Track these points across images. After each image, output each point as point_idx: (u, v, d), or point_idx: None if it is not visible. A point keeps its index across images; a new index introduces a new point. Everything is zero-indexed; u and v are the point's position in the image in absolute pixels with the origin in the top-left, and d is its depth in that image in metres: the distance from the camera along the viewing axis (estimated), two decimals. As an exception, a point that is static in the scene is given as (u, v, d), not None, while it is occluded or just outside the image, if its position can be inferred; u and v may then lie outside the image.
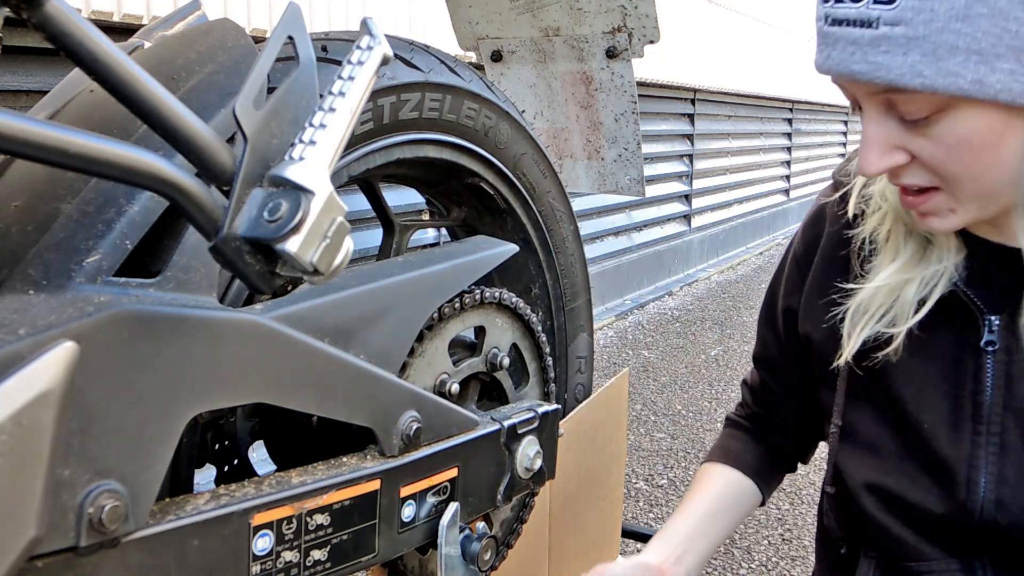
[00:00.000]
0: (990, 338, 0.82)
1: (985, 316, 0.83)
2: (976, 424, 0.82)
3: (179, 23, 0.79)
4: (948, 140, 0.70)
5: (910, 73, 0.67)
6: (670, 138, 5.48)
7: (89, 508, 0.53)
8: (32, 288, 0.57)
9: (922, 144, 0.72)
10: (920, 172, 0.74)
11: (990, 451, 0.81)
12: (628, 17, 1.49)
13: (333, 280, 0.59)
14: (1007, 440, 0.81)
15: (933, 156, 0.72)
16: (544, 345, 1.04)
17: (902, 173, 0.75)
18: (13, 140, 0.43)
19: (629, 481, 2.58)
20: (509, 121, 1.07)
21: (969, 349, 0.84)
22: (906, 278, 0.85)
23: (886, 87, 0.69)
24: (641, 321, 4.61)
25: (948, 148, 0.71)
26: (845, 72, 0.70)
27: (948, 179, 0.73)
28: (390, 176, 1.05)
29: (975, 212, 0.76)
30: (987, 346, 0.82)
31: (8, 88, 1.90)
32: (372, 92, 0.84)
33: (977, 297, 0.83)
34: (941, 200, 0.75)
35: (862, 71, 0.69)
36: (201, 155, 0.52)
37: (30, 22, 0.45)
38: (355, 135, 0.86)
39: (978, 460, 0.82)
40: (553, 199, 1.17)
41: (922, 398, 0.86)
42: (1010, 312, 0.81)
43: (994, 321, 0.82)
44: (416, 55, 0.94)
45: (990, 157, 0.71)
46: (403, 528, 0.79)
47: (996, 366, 0.82)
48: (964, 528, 0.82)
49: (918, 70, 0.67)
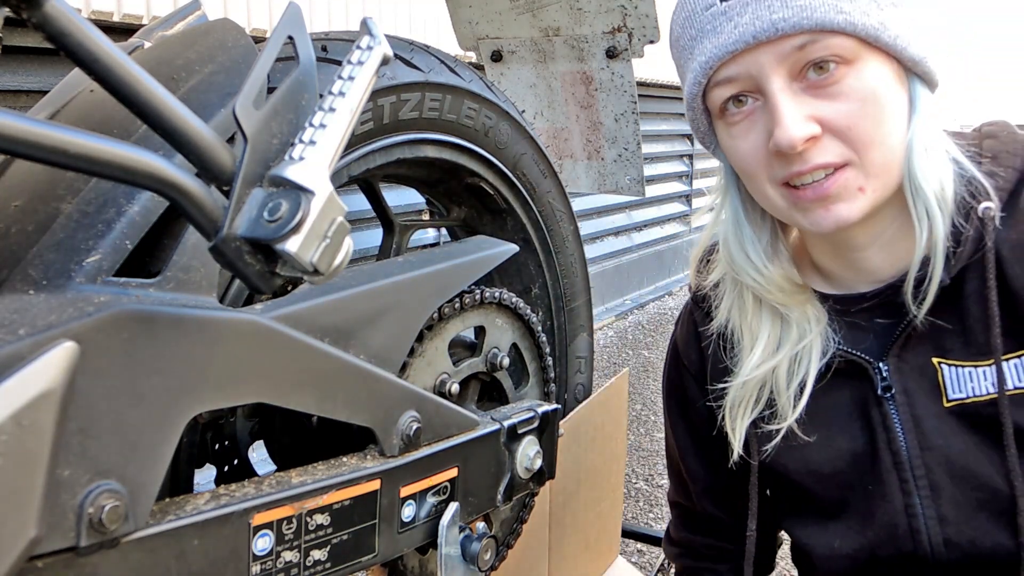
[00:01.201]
0: (885, 384, 0.81)
1: (874, 365, 0.82)
2: (900, 472, 0.81)
3: (179, 23, 0.79)
4: (859, 93, 0.71)
5: (833, 10, 0.69)
6: (670, 138, 5.47)
7: (89, 508, 0.53)
8: (32, 288, 0.57)
9: (834, 108, 0.72)
10: (832, 144, 0.73)
11: (923, 495, 0.80)
12: (628, 17, 1.49)
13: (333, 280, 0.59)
14: (935, 481, 0.79)
15: (847, 115, 0.72)
16: (544, 345, 1.04)
17: (813, 150, 0.73)
18: (13, 140, 0.43)
19: (629, 481, 2.58)
20: (509, 121, 1.07)
21: (870, 401, 0.82)
22: (771, 365, 0.84)
23: (810, 28, 0.69)
24: (641, 321, 4.61)
25: (859, 103, 0.72)
26: (766, 28, 0.70)
27: (858, 142, 0.72)
28: (390, 176, 1.05)
29: (879, 192, 0.75)
30: (885, 392, 0.81)
31: (8, 88, 1.90)
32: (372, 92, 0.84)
33: (859, 351, 0.82)
34: (851, 176, 0.74)
35: (786, 17, 0.69)
36: (201, 155, 0.52)
37: (30, 22, 0.45)
38: (355, 135, 0.86)
39: (914, 508, 0.80)
40: (553, 199, 1.17)
41: (839, 462, 0.84)
42: (896, 353, 0.81)
43: (883, 368, 0.81)
44: (416, 55, 0.94)
45: (893, 114, 0.73)
46: (403, 528, 0.79)
47: (900, 409, 0.81)
48: (925, 573, 0.81)
49: (839, 7, 0.69)
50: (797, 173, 0.74)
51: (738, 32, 0.71)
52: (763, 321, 0.86)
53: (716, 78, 0.76)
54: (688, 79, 0.79)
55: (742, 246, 0.85)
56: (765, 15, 0.70)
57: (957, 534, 0.78)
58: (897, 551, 0.81)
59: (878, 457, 0.82)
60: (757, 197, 0.81)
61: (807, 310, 0.83)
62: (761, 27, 0.70)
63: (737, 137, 0.78)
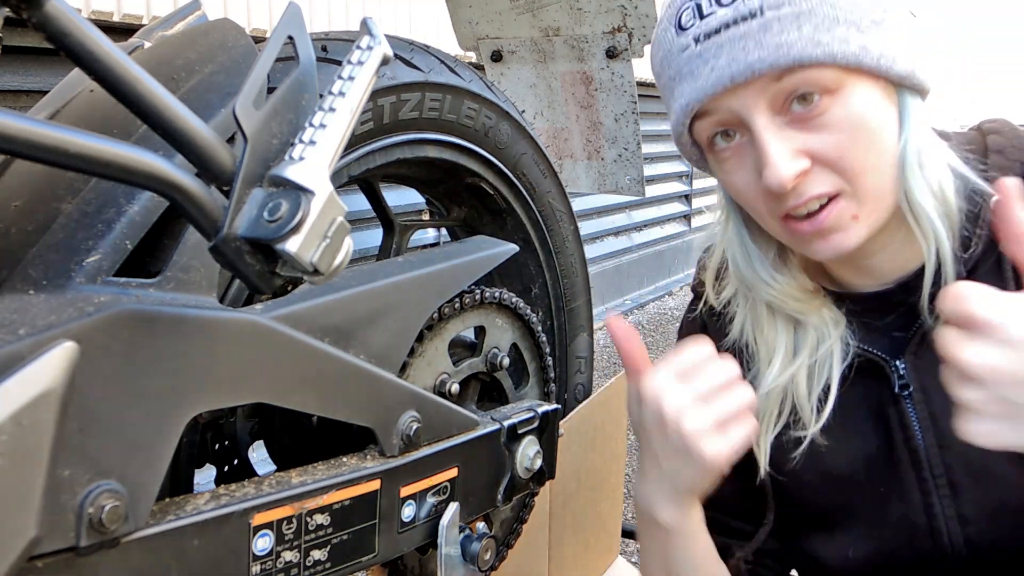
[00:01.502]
0: (903, 382, 0.81)
1: (891, 363, 0.81)
2: (918, 471, 0.80)
3: (179, 23, 0.79)
4: (846, 123, 0.70)
5: (811, 44, 0.68)
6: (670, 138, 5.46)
7: (89, 508, 0.53)
8: (32, 288, 0.57)
9: (821, 140, 0.71)
10: (823, 175, 0.72)
11: (942, 494, 0.79)
12: (628, 17, 1.49)
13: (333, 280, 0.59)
14: (954, 480, 0.78)
15: (836, 146, 0.71)
16: (544, 345, 1.04)
17: (805, 183, 0.72)
18: (13, 140, 0.43)
19: (629, 481, 2.58)
20: (509, 121, 1.07)
21: (887, 399, 0.82)
22: (791, 372, 0.83)
23: (788, 67, 0.68)
24: (641, 321, 4.60)
25: (848, 132, 0.71)
26: (742, 70, 0.69)
27: (850, 171, 0.71)
28: (390, 176, 1.05)
29: (874, 216, 0.74)
30: (902, 390, 0.81)
31: (8, 88, 1.89)
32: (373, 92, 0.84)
33: (875, 350, 0.82)
34: (843, 207, 0.73)
35: (762, 58, 0.68)
36: (201, 155, 0.52)
37: (30, 22, 0.45)
38: (356, 135, 0.86)
39: (933, 507, 0.79)
40: (553, 199, 1.17)
41: (856, 463, 0.83)
42: (913, 351, 0.80)
43: (900, 365, 0.81)
44: (416, 55, 0.94)
45: (883, 136, 0.72)
46: (403, 528, 0.79)
47: (918, 407, 0.80)
48: (946, 574, 0.80)
49: (816, 39, 0.68)
50: (793, 207, 0.74)
51: (715, 76, 0.70)
52: (778, 331, 0.85)
53: (699, 116, 0.75)
54: (672, 118, 0.79)
55: (750, 264, 0.85)
56: (741, 57, 0.69)
57: (978, 534, 0.78)
58: (916, 553, 0.80)
59: (895, 456, 0.81)
60: (760, 223, 0.81)
61: (823, 314, 0.83)
62: (737, 70, 0.69)
63: (730, 173, 0.77)
